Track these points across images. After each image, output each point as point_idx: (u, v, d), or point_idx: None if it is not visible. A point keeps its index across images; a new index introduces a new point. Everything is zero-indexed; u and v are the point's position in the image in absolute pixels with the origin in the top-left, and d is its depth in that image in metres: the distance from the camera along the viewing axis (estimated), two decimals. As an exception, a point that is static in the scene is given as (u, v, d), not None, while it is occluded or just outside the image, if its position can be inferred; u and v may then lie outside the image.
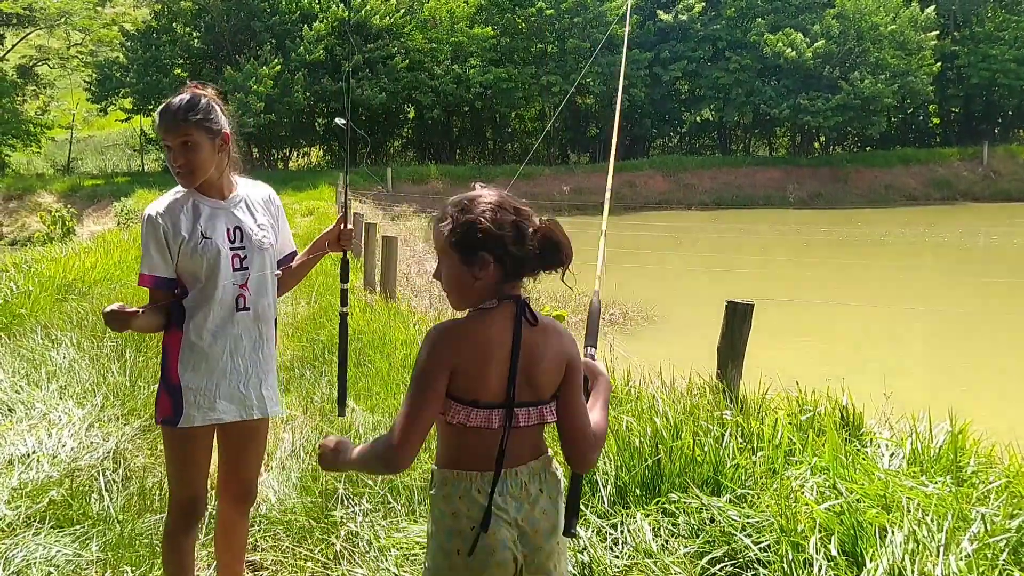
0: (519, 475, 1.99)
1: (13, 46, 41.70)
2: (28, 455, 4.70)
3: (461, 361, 1.93)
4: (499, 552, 1.95)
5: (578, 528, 1.98)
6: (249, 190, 3.00)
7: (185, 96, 2.80)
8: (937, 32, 39.14)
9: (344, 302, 3.30)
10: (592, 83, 39.05)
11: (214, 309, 2.83)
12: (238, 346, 2.88)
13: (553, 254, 1.95)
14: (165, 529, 2.99)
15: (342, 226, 3.20)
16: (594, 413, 2.07)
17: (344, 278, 3.31)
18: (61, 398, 5.77)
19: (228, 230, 2.88)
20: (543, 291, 12.14)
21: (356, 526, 3.70)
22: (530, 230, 1.94)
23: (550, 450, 2.09)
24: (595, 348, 2.32)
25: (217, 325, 2.84)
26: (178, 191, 2.89)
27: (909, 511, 3.17)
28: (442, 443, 2.04)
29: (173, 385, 2.84)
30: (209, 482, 3.01)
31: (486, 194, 1.98)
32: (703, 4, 38.83)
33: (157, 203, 2.86)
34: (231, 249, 2.86)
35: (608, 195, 3.09)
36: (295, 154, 42.99)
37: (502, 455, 1.95)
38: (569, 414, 2.02)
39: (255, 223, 2.94)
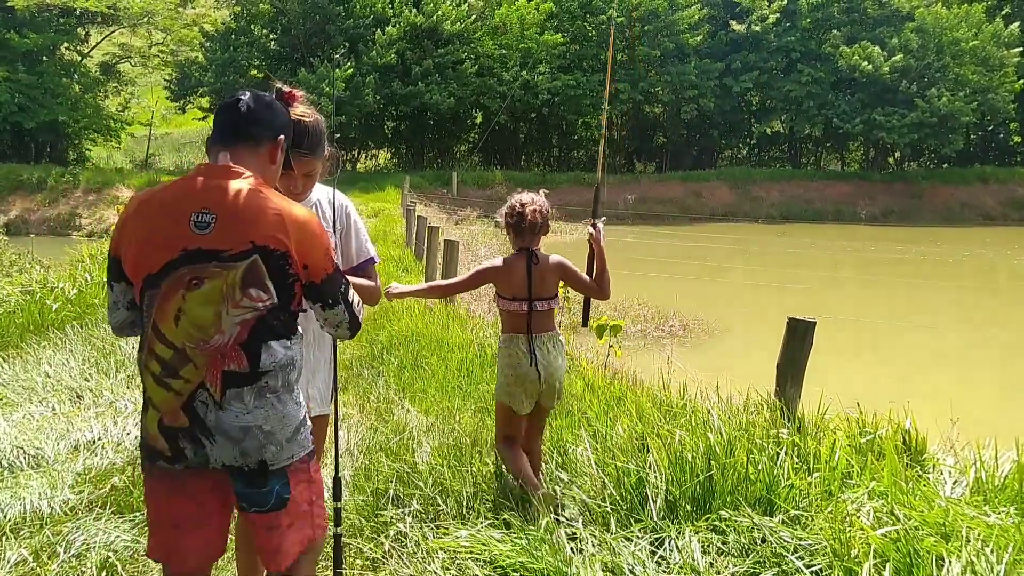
0: (542, 338, 3.85)
1: (97, 43, 43.22)
2: (94, 441, 4.85)
3: (499, 278, 3.86)
4: (531, 376, 3.80)
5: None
6: (321, 196, 3.05)
7: (311, 125, 2.79)
8: (1021, 49, 37.92)
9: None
10: (661, 92, 38.78)
11: None
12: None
13: (520, 227, 3.83)
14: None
15: None
16: (600, 275, 3.92)
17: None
18: (128, 387, 5.94)
19: None
20: (604, 305, 12.09)
21: (405, 527, 3.73)
22: (515, 212, 3.84)
23: (557, 328, 3.98)
24: (598, 221, 4.09)
25: None
26: None
27: (969, 541, 3.07)
28: (502, 321, 3.94)
29: None
30: None
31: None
32: (777, 15, 38.24)
33: None
34: None
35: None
36: (363, 156, 43.61)
37: (530, 325, 3.82)
38: (579, 286, 3.97)
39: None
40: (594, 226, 3.98)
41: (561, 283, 3.94)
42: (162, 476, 2.31)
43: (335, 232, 3.02)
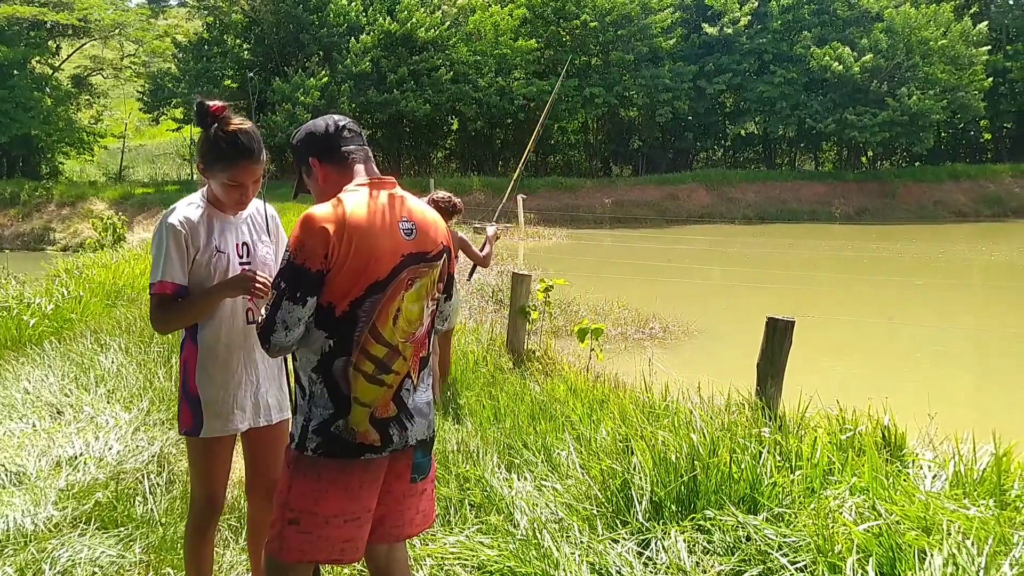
0: None
1: (68, 56, 42.85)
2: (76, 457, 4.82)
3: None
4: None
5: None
6: (253, 208, 3.07)
7: (249, 132, 2.84)
8: (989, 47, 38.44)
9: None
10: (635, 95, 38.93)
11: (226, 322, 2.90)
12: (251, 358, 2.96)
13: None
14: (186, 529, 3.10)
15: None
16: (485, 250, 6.24)
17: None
18: (109, 402, 5.90)
19: (237, 245, 2.96)
20: (583, 304, 12.15)
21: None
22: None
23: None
24: (495, 224, 6.61)
25: (231, 338, 2.91)
26: (193, 201, 2.95)
27: (950, 534, 3.12)
28: None
29: (192, 396, 2.92)
30: (230, 484, 3.10)
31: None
32: (749, 17, 38.53)
33: (176, 212, 2.88)
34: (240, 264, 2.94)
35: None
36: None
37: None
38: (473, 256, 6.24)
39: (259, 239, 3.03)
40: (493, 227, 6.46)
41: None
42: (365, 468, 2.44)
43: (272, 241, 3.06)
